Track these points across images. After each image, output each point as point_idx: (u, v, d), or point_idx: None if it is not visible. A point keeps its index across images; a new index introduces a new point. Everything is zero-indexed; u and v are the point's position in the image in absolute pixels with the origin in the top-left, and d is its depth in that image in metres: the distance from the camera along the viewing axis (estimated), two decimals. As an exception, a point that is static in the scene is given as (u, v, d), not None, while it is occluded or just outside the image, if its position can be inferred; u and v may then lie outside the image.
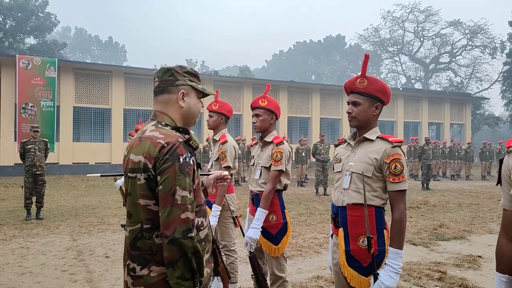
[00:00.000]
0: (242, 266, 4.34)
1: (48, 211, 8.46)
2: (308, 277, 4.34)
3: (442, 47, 46.02)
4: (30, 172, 7.69)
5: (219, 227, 3.53)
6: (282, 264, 2.95)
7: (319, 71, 58.94)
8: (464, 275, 4.40)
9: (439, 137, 28.23)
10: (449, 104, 29.01)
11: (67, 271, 4.60)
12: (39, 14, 31.49)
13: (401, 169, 1.99)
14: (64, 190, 12.38)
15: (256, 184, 3.04)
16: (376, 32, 48.27)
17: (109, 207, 9.15)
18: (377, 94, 2.09)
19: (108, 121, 19.85)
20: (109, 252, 5.36)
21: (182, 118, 1.69)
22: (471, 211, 8.85)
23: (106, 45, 66.56)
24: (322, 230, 6.69)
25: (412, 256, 5.15)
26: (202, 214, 1.63)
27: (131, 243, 1.54)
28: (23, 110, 16.29)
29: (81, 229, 6.79)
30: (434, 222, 7.45)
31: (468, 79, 43.94)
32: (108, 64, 28.60)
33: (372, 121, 2.14)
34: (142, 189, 1.50)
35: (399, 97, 26.97)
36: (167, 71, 1.68)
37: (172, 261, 1.42)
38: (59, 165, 18.01)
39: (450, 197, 11.23)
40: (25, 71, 16.42)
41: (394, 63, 51.06)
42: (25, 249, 5.54)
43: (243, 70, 35.42)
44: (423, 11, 44.26)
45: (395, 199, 2.00)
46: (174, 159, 1.47)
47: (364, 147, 2.12)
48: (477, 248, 5.63)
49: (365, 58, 2.11)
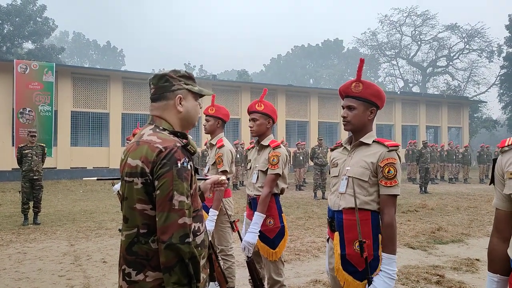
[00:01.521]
0: (239, 271, 4.33)
1: (45, 216, 8.44)
2: (306, 281, 4.33)
3: (440, 50, 46.23)
4: (27, 177, 7.67)
5: (216, 232, 3.52)
6: (280, 268, 2.95)
7: (317, 75, 59.09)
8: (462, 279, 4.40)
9: (437, 140, 28.31)
10: (447, 107, 29.11)
11: (64, 276, 4.58)
12: (37, 19, 31.49)
13: (394, 173, 2.00)
14: (62, 195, 12.34)
15: (253, 188, 3.04)
16: (374, 36, 48.49)
17: (106, 212, 9.13)
18: (372, 98, 2.09)
19: (106, 126, 19.84)
20: (106, 257, 5.34)
21: (180, 122, 1.68)
22: (469, 214, 8.86)
23: (104, 49, 66.62)
24: (320, 234, 6.68)
25: (410, 260, 5.15)
26: (199, 220, 1.62)
27: (127, 247, 1.54)
28: (21, 115, 16.27)
29: (78, 234, 6.76)
30: (432, 225, 7.45)
31: (466, 82, 44.12)
32: (106, 69, 28.58)
33: (367, 125, 2.14)
34: (139, 194, 1.50)
35: (397, 101, 27.06)
36: (162, 77, 1.67)
37: (168, 266, 1.41)
38: (56, 170, 17.97)
39: (448, 200, 11.25)
40: (23, 76, 16.41)
41: (391, 67, 51.26)
42: (22, 254, 5.52)
43: (241, 74, 35.51)
44: (420, 15, 44.50)
45: (385, 203, 2.01)
46: (172, 164, 1.46)
47: (360, 151, 2.12)
48: (475, 251, 5.63)
49: (360, 63, 2.12)
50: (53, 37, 49.65)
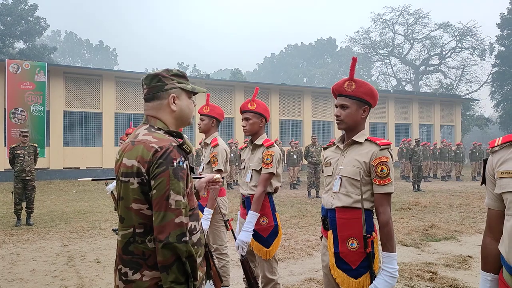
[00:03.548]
0: (234, 269, 4.34)
1: (38, 216, 8.38)
2: (300, 279, 4.36)
3: (432, 49, 46.52)
4: (20, 177, 7.62)
5: (211, 231, 3.53)
6: (274, 266, 2.96)
7: (310, 74, 59.21)
8: (455, 275, 4.45)
9: (429, 138, 28.50)
10: (439, 105, 29.31)
11: (57, 276, 4.56)
12: (29, 18, 31.19)
13: (387, 172, 2.01)
14: (55, 195, 12.26)
15: (247, 187, 3.05)
16: (367, 34, 48.68)
17: (100, 212, 9.09)
18: (364, 97, 2.11)
19: (99, 126, 19.71)
20: (100, 257, 5.33)
21: (175, 121, 1.69)
22: (461, 212, 8.94)
23: (97, 48, 66.20)
24: (314, 232, 6.71)
25: (403, 257, 5.19)
26: (195, 218, 1.63)
27: (123, 247, 1.54)
28: (13, 115, 16.12)
29: (72, 235, 6.73)
30: (425, 223, 7.52)
31: (458, 81, 44.42)
32: (99, 68, 28.32)
33: (360, 123, 2.15)
34: (135, 194, 1.50)
35: (390, 99, 27.19)
36: (154, 77, 1.67)
37: (166, 265, 1.42)
38: (49, 170, 17.83)
39: (441, 198, 11.34)
40: (15, 76, 16.26)
41: (384, 65, 51.50)
42: (15, 255, 5.48)
43: (234, 73, 35.48)
44: (413, 14, 44.75)
45: (380, 202, 2.02)
46: (168, 163, 1.47)
47: (353, 150, 2.13)
48: (468, 248, 5.70)
49: (353, 62, 2.13)
50: (45, 36, 49.29)
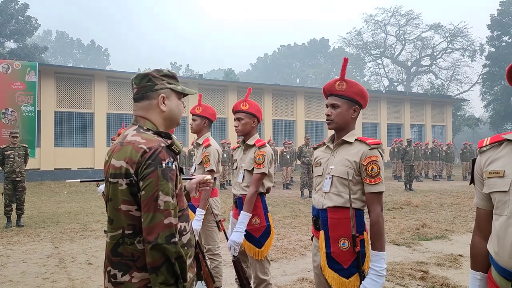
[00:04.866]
0: (226, 270, 4.33)
1: (29, 218, 8.30)
2: (293, 280, 4.36)
3: (423, 50, 46.93)
4: (10, 178, 7.53)
5: (203, 231, 3.52)
6: (266, 267, 2.96)
7: (303, 74, 59.37)
8: (446, 274, 4.48)
9: (421, 138, 28.72)
10: (431, 106, 29.56)
11: (48, 278, 4.52)
12: (19, 18, 30.85)
13: (377, 171, 2.02)
14: (46, 197, 12.14)
15: (239, 187, 3.04)
16: (359, 35, 48.94)
17: (91, 213, 9.02)
18: (355, 97, 2.12)
19: (90, 126, 19.57)
20: (91, 259, 5.28)
21: (164, 121, 1.67)
22: (452, 211, 9.02)
23: (89, 48, 65.71)
24: (307, 233, 6.72)
25: (395, 256, 5.22)
26: (185, 219, 1.62)
27: (112, 249, 1.53)
28: (3, 115, 15.95)
29: (62, 236, 6.67)
30: (417, 222, 7.57)
31: (449, 81, 44.86)
32: (91, 68, 28.14)
33: (350, 123, 2.16)
34: (124, 195, 1.49)
35: (382, 100, 27.35)
36: (144, 76, 1.66)
37: (155, 266, 1.41)
38: (40, 171, 17.67)
39: (432, 197, 11.43)
40: (5, 76, 16.09)
41: (377, 66, 51.85)
42: (5, 257, 5.42)
43: (227, 73, 35.44)
44: (404, 15, 45.09)
45: (371, 201, 2.03)
46: (157, 164, 1.46)
47: (343, 149, 2.14)
48: (458, 247, 5.74)
49: (344, 62, 2.14)
50: (36, 36, 48.79)
